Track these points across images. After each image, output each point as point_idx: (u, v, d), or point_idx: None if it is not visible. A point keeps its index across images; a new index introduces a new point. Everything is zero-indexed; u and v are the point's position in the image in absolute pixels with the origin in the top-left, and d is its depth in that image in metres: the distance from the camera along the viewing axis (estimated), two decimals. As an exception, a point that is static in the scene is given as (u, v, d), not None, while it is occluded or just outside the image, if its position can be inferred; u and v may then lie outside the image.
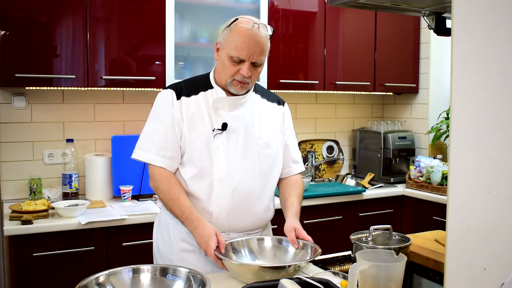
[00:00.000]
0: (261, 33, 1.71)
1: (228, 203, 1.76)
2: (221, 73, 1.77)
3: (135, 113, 3.08)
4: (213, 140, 1.76)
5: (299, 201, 1.91)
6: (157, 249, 1.89)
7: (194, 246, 1.78)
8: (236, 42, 1.69)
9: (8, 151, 2.80)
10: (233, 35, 1.71)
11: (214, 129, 1.76)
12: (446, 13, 1.85)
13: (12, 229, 2.27)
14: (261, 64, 1.76)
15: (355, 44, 3.44)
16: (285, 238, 1.75)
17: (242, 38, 1.68)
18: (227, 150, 1.77)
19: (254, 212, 1.83)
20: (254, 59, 1.71)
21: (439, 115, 3.57)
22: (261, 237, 1.77)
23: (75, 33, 2.61)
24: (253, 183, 1.81)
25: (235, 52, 1.69)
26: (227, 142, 1.77)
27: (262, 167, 1.83)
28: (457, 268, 0.89)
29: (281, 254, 1.72)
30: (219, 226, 1.75)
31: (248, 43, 1.68)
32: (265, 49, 1.73)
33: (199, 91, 1.81)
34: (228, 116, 1.78)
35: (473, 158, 0.86)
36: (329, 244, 2.11)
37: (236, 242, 1.71)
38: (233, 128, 1.78)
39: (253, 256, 1.71)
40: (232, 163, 1.77)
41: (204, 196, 1.76)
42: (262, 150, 1.83)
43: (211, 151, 1.76)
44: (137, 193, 2.88)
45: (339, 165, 3.81)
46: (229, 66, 1.73)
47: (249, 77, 1.73)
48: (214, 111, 1.78)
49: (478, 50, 0.85)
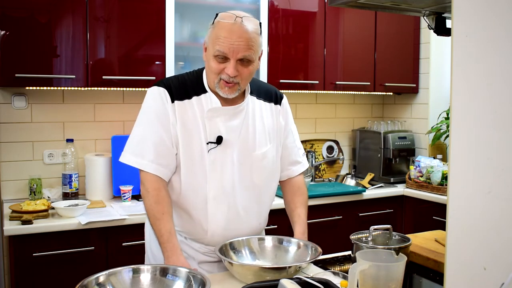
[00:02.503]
0: (245, 27, 1.55)
1: (223, 221, 1.69)
2: (209, 73, 1.65)
3: (135, 113, 3.02)
4: (208, 154, 1.65)
5: (305, 211, 1.85)
6: (150, 251, 1.83)
7: (187, 254, 1.74)
8: (218, 38, 1.55)
9: (8, 151, 2.80)
10: (215, 31, 1.58)
11: (208, 143, 1.65)
12: (446, 13, 1.85)
13: (12, 229, 2.26)
14: (251, 61, 1.59)
15: (355, 44, 3.44)
16: (285, 238, 1.75)
17: (223, 33, 1.54)
18: (221, 165, 1.66)
19: (250, 226, 1.77)
20: (239, 56, 1.55)
21: (439, 115, 3.57)
22: (261, 237, 1.76)
23: (75, 33, 2.61)
24: (249, 198, 1.73)
25: (217, 47, 1.55)
26: (222, 156, 1.66)
27: (258, 180, 1.74)
28: (457, 268, 0.89)
29: (281, 254, 1.71)
30: (214, 243, 1.70)
31: (229, 38, 1.54)
32: (251, 43, 1.56)
33: (191, 95, 1.67)
34: (224, 127, 1.66)
35: (473, 158, 0.86)
36: (329, 244, 2.11)
37: (237, 242, 1.70)
38: (228, 140, 1.66)
39: (253, 256, 1.70)
40: (227, 179, 1.67)
41: (198, 212, 1.69)
42: (258, 161, 1.73)
43: (205, 166, 1.65)
44: (137, 193, 2.88)
45: (339, 165, 3.81)
46: (214, 65, 1.59)
47: (236, 76, 1.58)
48: (208, 122, 1.65)
49: (478, 50, 0.85)
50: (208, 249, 1.74)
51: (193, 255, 1.75)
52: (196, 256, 1.75)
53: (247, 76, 1.63)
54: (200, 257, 1.75)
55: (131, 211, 2.55)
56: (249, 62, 1.60)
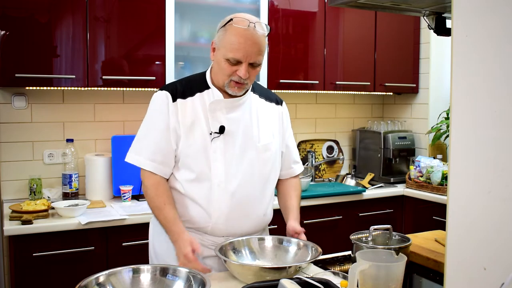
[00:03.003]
0: (258, 33, 1.66)
1: (227, 208, 1.74)
2: (218, 74, 1.73)
3: (135, 113, 3.08)
4: (211, 144, 1.72)
5: (299, 204, 1.91)
6: (153, 249, 1.88)
7: None
8: (232, 44, 1.64)
9: (8, 151, 2.80)
10: (228, 36, 1.66)
11: (212, 133, 1.72)
12: (446, 13, 1.85)
13: (12, 229, 2.26)
14: (259, 64, 1.71)
15: (355, 44, 3.44)
16: (285, 238, 1.75)
17: (238, 39, 1.63)
18: (224, 154, 1.73)
19: (253, 217, 1.80)
20: (251, 60, 1.66)
21: (439, 115, 3.57)
22: (261, 237, 1.77)
23: (75, 33, 2.61)
24: (252, 187, 1.78)
25: (231, 53, 1.64)
26: (225, 145, 1.73)
27: (261, 171, 1.79)
28: (457, 268, 0.89)
29: (281, 254, 1.72)
30: (217, 230, 1.74)
31: (244, 44, 1.63)
32: (262, 48, 1.68)
33: (195, 93, 1.76)
34: (226, 119, 1.74)
35: (473, 158, 0.86)
36: (329, 244, 2.11)
37: (237, 242, 1.71)
38: (231, 131, 1.74)
39: (253, 256, 1.70)
40: (230, 167, 1.74)
41: (203, 201, 1.74)
42: (261, 153, 1.79)
43: (209, 155, 1.72)
44: (137, 193, 2.88)
45: (339, 165, 3.81)
46: (225, 67, 1.68)
47: (247, 78, 1.69)
48: (211, 114, 1.74)
49: (478, 50, 0.85)
50: (211, 241, 1.76)
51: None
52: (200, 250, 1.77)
53: (254, 76, 1.74)
54: (204, 251, 1.76)
55: (131, 211, 2.55)
56: (258, 65, 1.72)
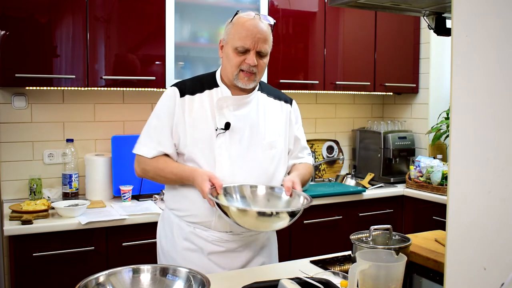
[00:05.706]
0: (263, 22, 1.76)
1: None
2: (227, 67, 1.78)
3: (135, 113, 3.08)
4: (216, 139, 1.76)
5: (305, 172, 1.90)
6: (161, 247, 1.90)
7: (196, 246, 1.79)
8: (239, 33, 1.73)
9: (8, 151, 2.80)
10: (235, 27, 1.75)
11: (217, 129, 1.76)
12: (446, 13, 1.85)
13: (12, 229, 2.27)
14: (266, 55, 1.78)
15: (355, 44, 3.44)
16: (277, 186, 1.77)
17: (245, 28, 1.73)
18: (229, 150, 1.76)
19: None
20: (258, 48, 1.73)
21: (439, 115, 3.57)
22: (254, 185, 1.77)
23: (75, 33, 2.61)
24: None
25: (239, 42, 1.72)
26: (230, 142, 1.76)
27: (266, 168, 1.81)
28: (457, 268, 0.89)
29: (273, 200, 1.73)
30: (221, 226, 1.76)
31: (251, 32, 1.72)
32: (267, 37, 1.76)
33: (204, 89, 1.82)
34: (232, 116, 1.78)
35: (473, 158, 0.86)
36: (329, 244, 2.11)
37: (229, 188, 1.71)
38: (237, 128, 1.78)
39: (245, 202, 1.72)
40: (235, 163, 1.76)
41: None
42: (266, 150, 1.82)
43: (214, 151, 1.75)
44: (137, 193, 2.88)
45: (339, 165, 3.81)
46: (234, 57, 1.74)
47: (256, 66, 1.74)
48: (218, 110, 1.78)
49: (478, 50, 0.85)
50: (216, 237, 1.78)
51: (202, 245, 1.78)
52: (205, 246, 1.78)
53: (262, 68, 1.79)
54: (208, 247, 1.78)
55: (131, 211, 2.55)
56: (265, 55, 1.78)
